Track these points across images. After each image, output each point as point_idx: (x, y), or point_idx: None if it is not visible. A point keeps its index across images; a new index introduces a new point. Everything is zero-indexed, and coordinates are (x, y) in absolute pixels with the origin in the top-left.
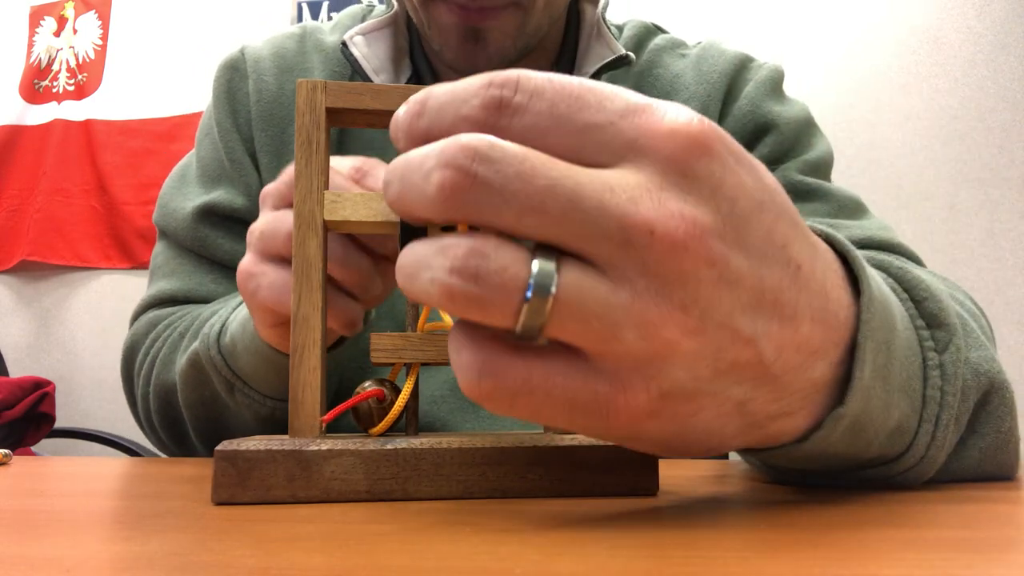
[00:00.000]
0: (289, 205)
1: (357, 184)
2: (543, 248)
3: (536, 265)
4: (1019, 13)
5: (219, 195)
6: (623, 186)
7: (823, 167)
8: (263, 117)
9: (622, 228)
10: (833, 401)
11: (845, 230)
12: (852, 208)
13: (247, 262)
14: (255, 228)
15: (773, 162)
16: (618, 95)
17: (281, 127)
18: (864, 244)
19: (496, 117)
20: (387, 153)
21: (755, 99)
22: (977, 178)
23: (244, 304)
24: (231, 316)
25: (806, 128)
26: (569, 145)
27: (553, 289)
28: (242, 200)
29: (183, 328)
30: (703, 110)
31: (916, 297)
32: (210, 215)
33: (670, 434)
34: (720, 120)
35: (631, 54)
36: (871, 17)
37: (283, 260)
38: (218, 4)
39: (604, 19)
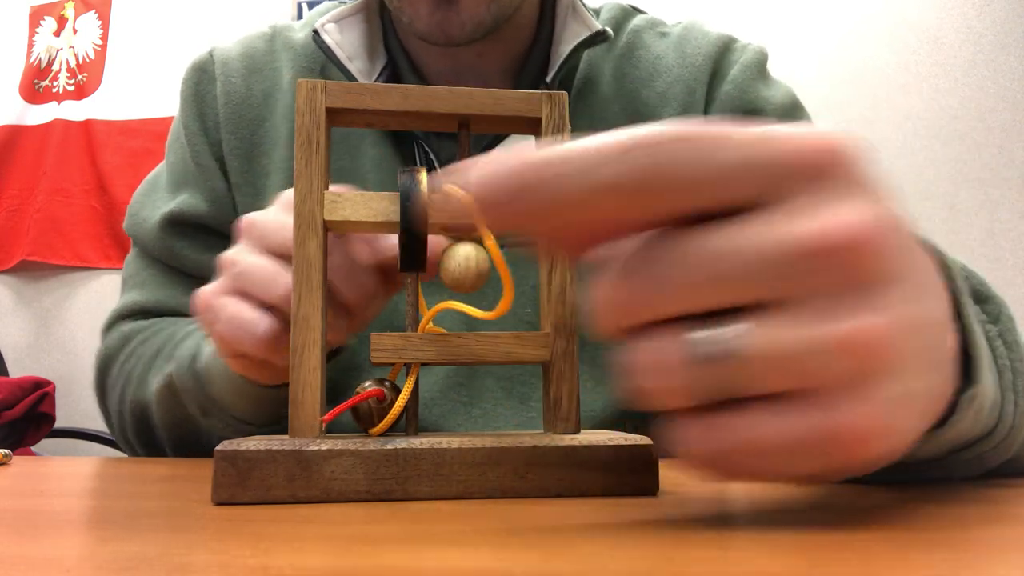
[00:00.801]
0: (278, 252)
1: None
2: (698, 317)
3: (689, 337)
4: (1019, 13)
5: (183, 200)
6: (767, 223)
7: None
8: (231, 119)
9: (779, 264)
10: (956, 375)
11: None
12: None
13: (209, 292)
14: (236, 261)
15: None
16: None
17: (251, 129)
18: None
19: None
20: (361, 151)
21: (742, 83)
22: (977, 178)
23: None
24: (206, 340)
25: (793, 112)
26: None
27: (702, 353)
28: (206, 206)
29: (158, 345)
30: (689, 93)
31: (981, 295)
32: (176, 224)
33: (893, 449)
34: (707, 103)
35: (608, 29)
36: (870, 17)
37: (249, 296)
38: (218, 4)
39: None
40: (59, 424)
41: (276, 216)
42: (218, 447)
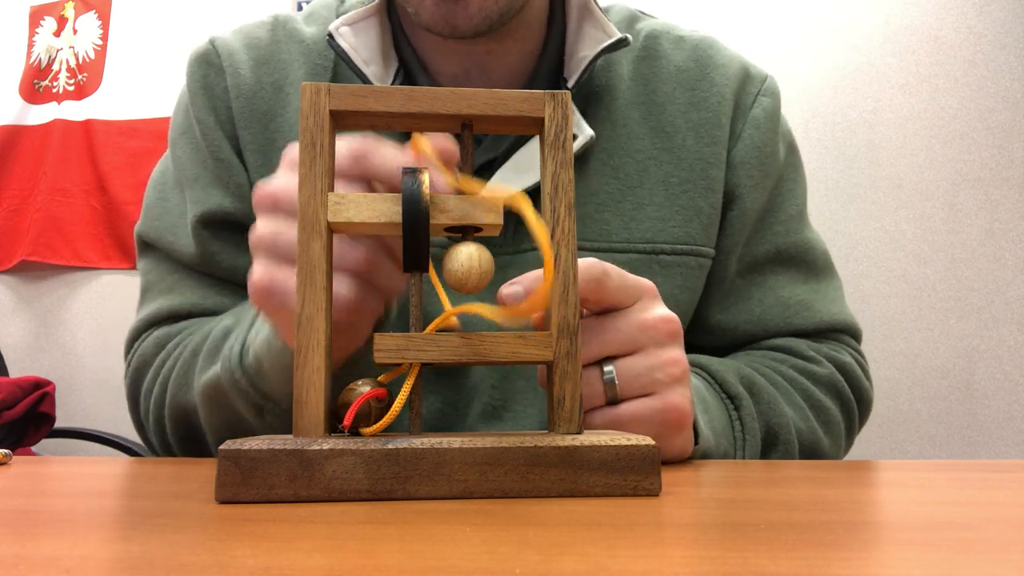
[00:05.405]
0: (284, 209)
1: (362, 170)
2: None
3: (603, 368)
4: (1019, 13)
5: (209, 201)
6: (630, 314)
7: (805, 208)
8: (244, 114)
9: (635, 331)
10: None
11: (806, 313)
12: (822, 267)
13: (261, 274)
14: (262, 235)
15: (768, 211)
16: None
17: (264, 123)
18: (814, 331)
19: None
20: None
21: (765, 131)
22: (977, 178)
23: (262, 319)
24: (251, 334)
25: (797, 164)
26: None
27: (608, 377)
28: (231, 201)
29: (195, 345)
30: (715, 125)
31: (729, 393)
32: (207, 226)
33: (691, 422)
34: (731, 136)
35: (628, 36)
36: (871, 17)
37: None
38: (218, 4)
39: (596, 1)
40: (59, 424)
41: (279, 180)
42: (222, 446)
